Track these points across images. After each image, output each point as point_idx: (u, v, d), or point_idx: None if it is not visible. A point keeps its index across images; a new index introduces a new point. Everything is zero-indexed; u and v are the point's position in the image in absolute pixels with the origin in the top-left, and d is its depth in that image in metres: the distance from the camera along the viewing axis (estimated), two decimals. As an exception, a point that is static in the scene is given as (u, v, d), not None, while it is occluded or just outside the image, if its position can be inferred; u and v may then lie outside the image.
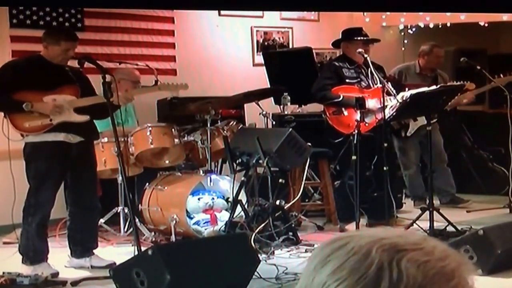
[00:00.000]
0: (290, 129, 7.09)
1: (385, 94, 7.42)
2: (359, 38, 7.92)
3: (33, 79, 6.04)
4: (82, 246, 6.34)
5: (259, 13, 10.09)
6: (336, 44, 8.20)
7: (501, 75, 8.35)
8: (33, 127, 5.97)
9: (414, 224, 7.22)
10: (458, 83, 8.21)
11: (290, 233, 6.98)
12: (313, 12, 10.53)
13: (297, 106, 9.10)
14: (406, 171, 8.90)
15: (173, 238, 6.90)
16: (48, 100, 6.00)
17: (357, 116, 7.39)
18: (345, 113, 7.70)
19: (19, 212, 6.15)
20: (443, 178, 8.89)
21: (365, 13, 10.48)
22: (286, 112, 8.55)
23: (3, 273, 5.66)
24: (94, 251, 6.40)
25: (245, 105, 8.98)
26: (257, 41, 10.21)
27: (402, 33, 11.43)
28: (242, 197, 7.10)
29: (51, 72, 6.08)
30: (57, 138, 6.03)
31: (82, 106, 6.10)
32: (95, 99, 6.16)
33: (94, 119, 6.30)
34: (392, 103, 7.64)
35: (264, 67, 9.53)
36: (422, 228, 7.06)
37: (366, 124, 7.51)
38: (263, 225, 6.80)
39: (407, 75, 8.83)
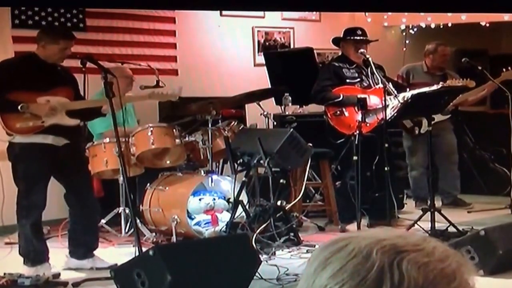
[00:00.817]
0: (291, 130, 7.08)
1: (386, 94, 7.43)
2: (351, 38, 7.90)
3: (27, 79, 5.99)
4: (83, 247, 6.33)
5: (260, 13, 10.09)
6: (335, 42, 8.18)
7: (508, 69, 8.33)
8: (23, 128, 5.94)
9: (416, 224, 7.22)
10: (461, 81, 8.20)
11: (291, 234, 6.97)
12: (314, 12, 10.52)
13: (298, 106, 9.09)
14: (412, 172, 8.86)
15: (174, 238, 6.89)
16: (42, 101, 5.97)
17: (358, 116, 7.39)
18: (346, 113, 7.69)
19: (8, 213, 6.15)
20: (449, 179, 8.88)
21: (366, 13, 10.48)
22: (287, 113, 8.56)
23: (4, 274, 5.67)
24: (95, 252, 6.39)
25: (246, 106, 8.97)
26: (258, 41, 10.21)
27: (404, 33, 11.43)
28: (243, 197, 7.09)
29: (46, 72, 6.05)
30: (46, 140, 6.00)
31: (74, 109, 6.10)
32: (87, 103, 6.13)
33: (84, 121, 6.29)
34: (393, 103, 7.63)
35: (265, 67, 9.52)
36: (423, 229, 7.06)
37: (367, 125, 7.50)
38: (264, 225, 6.79)
39: (414, 75, 8.80)
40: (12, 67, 6.10)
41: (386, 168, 7.39)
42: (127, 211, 7.26)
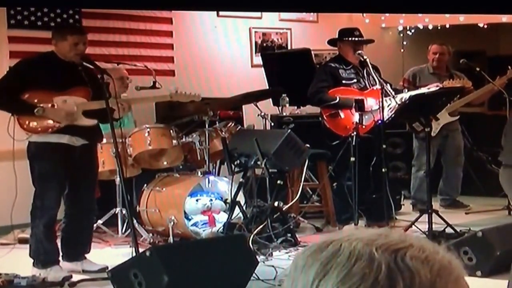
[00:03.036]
0: (289, 131, 7.07)
1: (383, 95, 7.41)
2: (349, 38, 7.88)
3: (45, 78, 5.96)
4: (75, 250, 6.26)
5: (257, 14, 10.08)
6: (331, 43, 8.16)
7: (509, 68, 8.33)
8: (38, 127, 5.93)
9: (413, 225, 7.20)
10: (457, 84, 8.19)
11: (289, 235, 6.96)
12: (312, 13, 10.52)
13: (296, 107, 9.08)
14: (418, 172, 8.80)
15: (171, 239, 6.88)
16: (58, 101, 5.95)
17: (355, 118, 7.37)
18: (342, 115, 7.67)
19: (19, 213, 6.13)
20: (452, 181, 8.87)
21: (364, 14, 10.47)
22: (284, 114, 8.54)
23: (0, 274, 5.64)
24: (88, 255, 6.33)
25: (244, 106, 8.95)
26: (256, 42, 10.19)
27: (401, 35, 11.43)
28: (241, 198, 7.09)
29: (64, 71, 6.00)
30: (61, 140, 5.98)
31: (91, 109, 6.07)
32: (103, 103, 6.03)
33: (101, 123, 6.25)
34: (390, 104, 7.62)
35: (262, 68, 9.51)
36: (421, 230, 7.05)
37: (363, 126, 7.48)
38: (261, 226, 6.78)
39: (420, 77, 8.75)
40: (30, 66, 6.04)
41: (383, 169, 7.37)
42: (124, 211, 7.25)
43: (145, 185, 7.35)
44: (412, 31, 11.21)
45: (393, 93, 7.67)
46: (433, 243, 1.12)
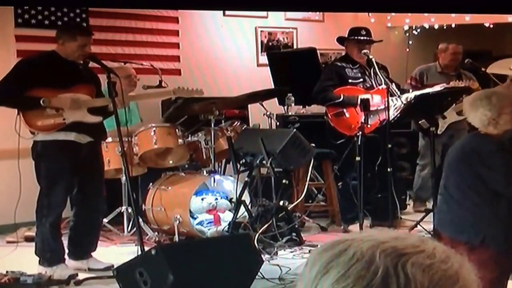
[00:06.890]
0: (294, 130, 7.07)
1: (389, 95, 7.42)
2: (355, 38, 7.87)
3: (49, 76, 5.97)
4: (81, 248, 6.29)
5: (263, 13, 10.08)
6: (340, 41, 8.13)
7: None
8: (45, 125, 5.94)
9: (418, 225, 7.21)
10: (462, 84, 8.18)
11: (294, 234, 6.97)
12: (317, 13, 10.52)
13: (301, 106, 9.09)
14: (423, 171, 8.77)
15: (176, 238, 6.90)
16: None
17: (359, 117, 7.37)
18: (347, 114, 7.66)
19: (22, 211, 6.15)
20: None
21: (370, 14, 10.47)
22: (290, 113, 8.54)
23: (7, 272, 5.66)
24: (94, 253, 6.35)
25: (249, 106, 8.97)
26: (262, 42, 10.20)
27: (407, 34, 11.42)
28: (246, 197, 7.10)
29: (67, 70, 6.02)
30: (68, 137, 5.99)
31: (95, 106, 6.08)
32: (108, 100, 6.04)
33: (104, 119, 6.28)
34: (396, 104, 7.62)
35: (268, 68, 9.52)
36: (425, 230, 7.05)
37: (369, 126, 7.48)
38: (266, 225, 6.79)
39: (428, 76, 8.71)
40: (33, 65, 6.04)
41: (389, 169, 7.37)
42: (129, 210, 7.27)
43: (151, 183, 7.37)
44: (418, 30, 11.20)
45: (398, 92, 7.67)
46: (451, 251, 1.12)
